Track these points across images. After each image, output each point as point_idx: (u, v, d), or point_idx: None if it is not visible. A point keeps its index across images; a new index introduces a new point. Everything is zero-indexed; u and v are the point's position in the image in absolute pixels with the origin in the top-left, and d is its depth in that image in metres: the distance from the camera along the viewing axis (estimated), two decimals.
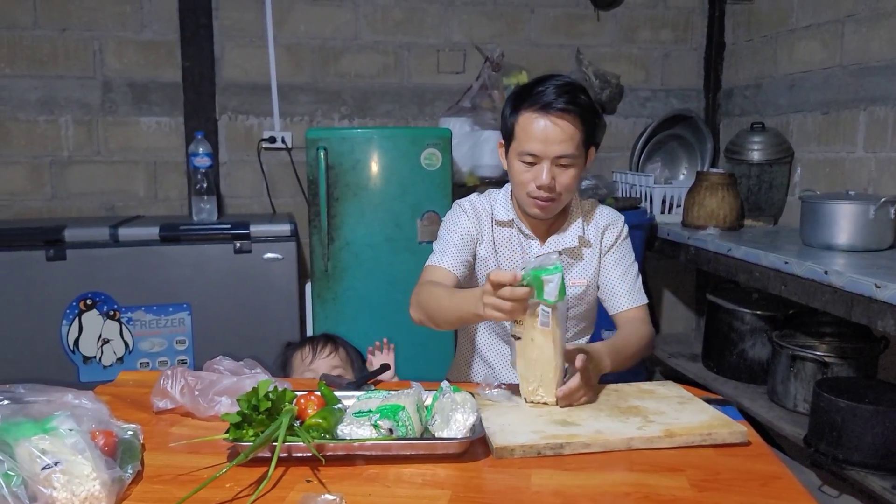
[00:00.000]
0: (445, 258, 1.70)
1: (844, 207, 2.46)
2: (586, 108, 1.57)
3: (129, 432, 1.12)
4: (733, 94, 3.59)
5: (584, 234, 1.73)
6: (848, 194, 2.57)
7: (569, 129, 1.54)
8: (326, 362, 1.82)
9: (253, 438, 1.10)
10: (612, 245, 1.75)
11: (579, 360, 1.33)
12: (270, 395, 1.17)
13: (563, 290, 1.25)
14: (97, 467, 0.96)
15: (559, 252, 1.71)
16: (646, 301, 1.76)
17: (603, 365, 1.46)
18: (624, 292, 1.73)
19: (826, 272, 2.16)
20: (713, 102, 3.71)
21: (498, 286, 1.24)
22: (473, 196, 1.80)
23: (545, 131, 1.54)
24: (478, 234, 1.73)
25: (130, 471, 1.04)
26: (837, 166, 2.91)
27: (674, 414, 1.29)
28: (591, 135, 1.61)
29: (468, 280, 1.75)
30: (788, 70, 3.17)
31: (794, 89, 3.14)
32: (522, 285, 1.23)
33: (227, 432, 1.13)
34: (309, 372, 1.81)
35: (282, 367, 1.89)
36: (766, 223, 3.20)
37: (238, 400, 1.15)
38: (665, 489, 1.05)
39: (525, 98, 1.58)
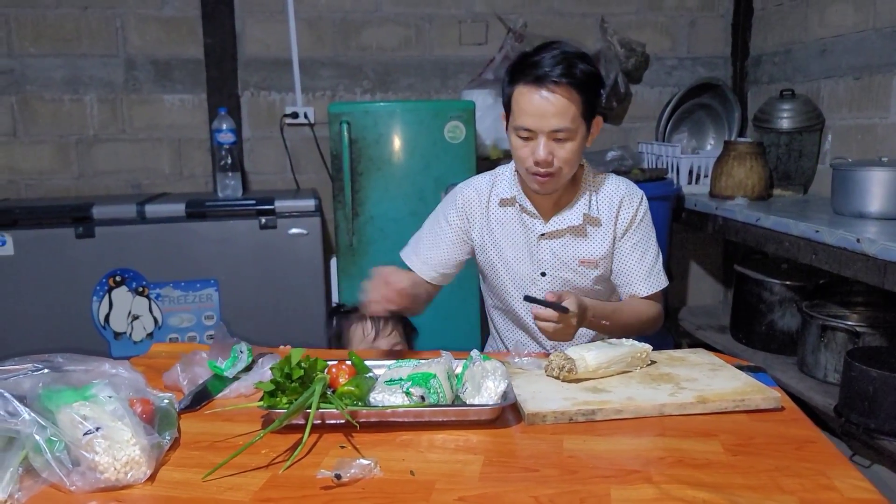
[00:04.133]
0: (416, 261, 1.77)
1: (877, 174, 2.40)
2: (584, 79, 1.50)
3: (166, 401, 1.13)
4: (762, 61, 3.51)
5: (590, 211, 1.66)
6: (881, 161, 2.52)
7: (563, 103, 1.48)
8: (388, 341, 1.82)
9: (287, 406, 1.11)
10: (629, 227, 1.67)
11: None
12: (302, 363, 1.18)
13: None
14: (136, 433, 0.97)
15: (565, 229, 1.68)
16: (664, 284, 1.69)
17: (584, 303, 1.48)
18: (640, 278, 1.67)
19: (858, 240, 2.12)
20: (741, 70, 3.63)
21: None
22: (474, 179, 1.78)
23: (539, 105, 1.48)
24: (465, 232, 1.74)
25: (168, 437, 1.05)
26: (870, 132, 2.84)
27: (706, 380, 1.28)
28: (591, 105, 1.54)
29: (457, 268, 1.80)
30: (819, 35, 3.09)
31: (825, 54, 3.06)
32: None
33: (261, 400, 1.14)
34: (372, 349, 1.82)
35: (336, 336, 1.88)
36: (796, 192, 3.14)
37: (271, 368, 1.16)
38: (699, 453, 1.04)
39: (520, 70, 1.52)
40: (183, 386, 1.30)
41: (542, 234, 1.67)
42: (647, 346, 1.37)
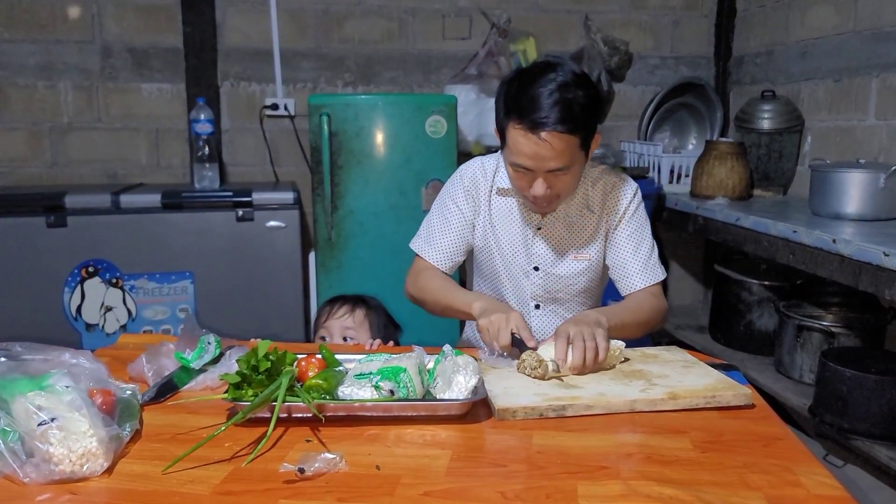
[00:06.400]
0: (432, 252, 1.70)
1: (854, 176, 2.42)
2: (582, 115, 1.43)
3: (128, 392, 1.11)
4: (744, 61, 3.53)
5: (587, 205, 1.65)
6: (858, 163, 2.53)
7: (561, 146, 1.42)
8: (339, 323, 1.78)
9: (252, 398, 1.09)
10: (621, 218, 1.65)
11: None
12: (270, 356, 1.16)
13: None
14: (94, 424, 0.94)
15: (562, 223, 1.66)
16: (661, 277, 1.65)
17: (588, 318, 1.39)
18: (636, 270, 1.63)
19: (834, 241, 2.13)
20: (723, 70, 3.64)
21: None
22: (479, 159, 1.73)
23: (535, 150, 1.43)
24: (474, 212, 1.70)
25: (129, 429, 1.03)
26: (848, 135, 2.86)
27: (678, 377, 1.27)
28: (591, 132, 1.49)
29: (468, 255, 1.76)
30: (800, 36, 3.11)
31: (805, 56, 3.08)
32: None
33: (226, 392, 1.12)
34: (322, 330, 1.79)
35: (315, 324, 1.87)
36: (776, 193, 3.16)
37: (237, 360, 1.14)
38: (668, 450, 1.03)
39: (515, 104, 1.44)
40: (148, 378, 1.27)
41: (539, 228, 1.66)
42: (620, 344, 1.35)
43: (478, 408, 1.17)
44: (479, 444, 1.07)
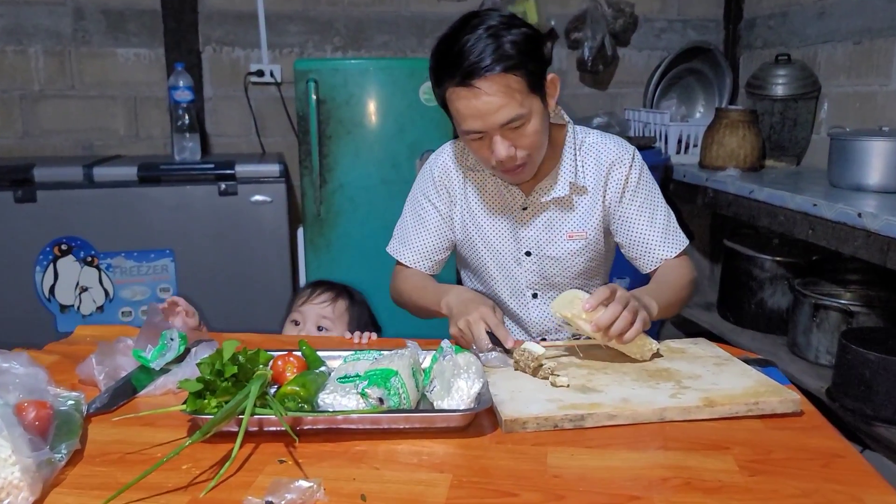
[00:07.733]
0: (409, 254, 1.56)
1: (877, 145, 2.27)
2: (518, 53, 1.26)
3: (70, 402, 0.94)
4: (756, 24, 3.33)
5: (576, 178, 1.45)
6: (881, 130, 2.38)
7: (503, 91, 1.25)
8: (316, 310, 1.62)
9: (215, 410, 0.92)
10: (624, 189, 1.46)
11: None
12: (239, 356, 0.99)
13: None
14: (18, 449, 0.78)
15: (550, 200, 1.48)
16: (686, 242, 1.49)
17: (642, 298, 1.25)
18: (658, 242, 1.46)
19: (859, 214, 1.98)
20: (734, 34, 3.46)
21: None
22: (449, 146, 1.56)
23: (477, 105, 1.26)
24: (449, 205, 1.54)
25: (65, 451, 0.86)
26: (869, 101, 2.69)
27: (711, 378, 1.11)
28: (537, 72, 1.30)
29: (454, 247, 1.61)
30: None
31: (823, 17, 2.89)
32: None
33: (185, 402, 0.95)
34: (296, 313, 1.63)
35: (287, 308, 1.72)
36: (789, 164, 3.00)
37: (199, 364, 0.97)
38: (709, 473, 0.87)
39: (444, 66, 1.29)
40: (99, 381, 1.10)
41: (525, 208, 1.48)
42: (655, 343, 1.19)
43: (481, 416, 1.01)
44: (483, 465, 0.91)
